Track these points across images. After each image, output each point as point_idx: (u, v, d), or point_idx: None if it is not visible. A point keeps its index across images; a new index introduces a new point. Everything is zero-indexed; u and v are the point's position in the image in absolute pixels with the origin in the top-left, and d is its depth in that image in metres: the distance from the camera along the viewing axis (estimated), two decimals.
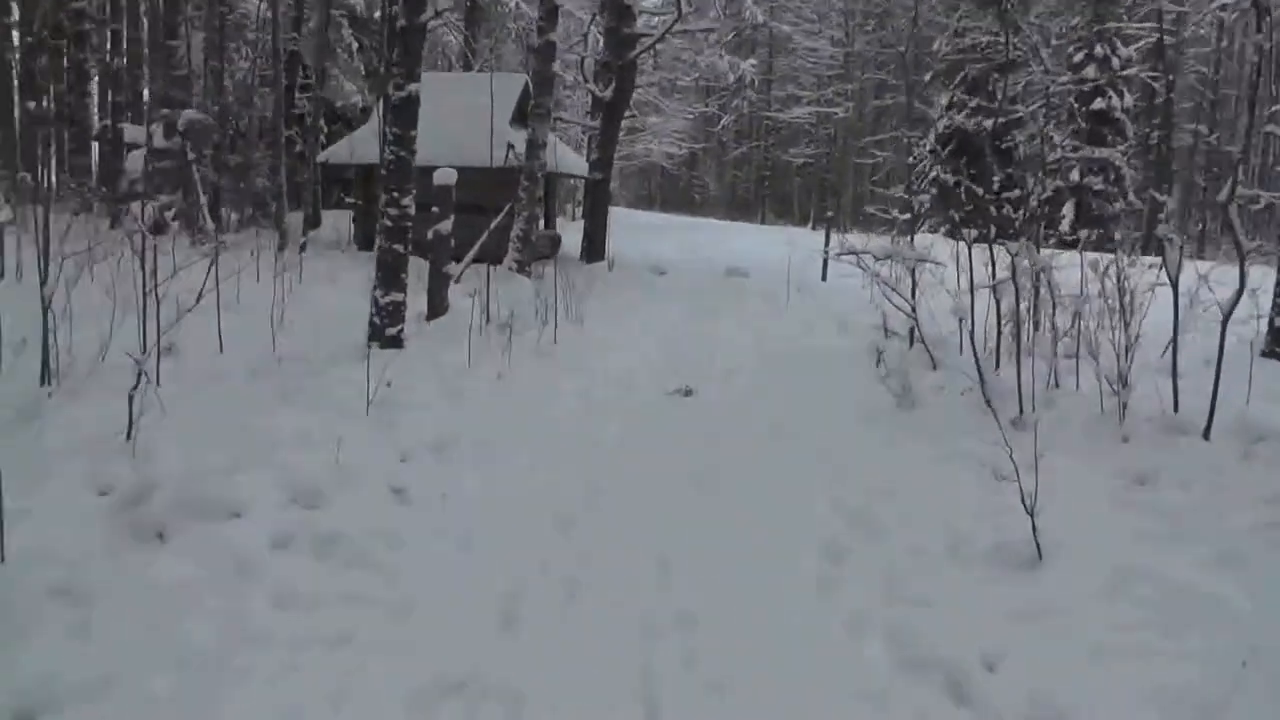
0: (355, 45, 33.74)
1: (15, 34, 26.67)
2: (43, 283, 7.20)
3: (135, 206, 24.00)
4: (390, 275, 10.06)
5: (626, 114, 25.05)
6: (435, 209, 12.71)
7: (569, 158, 23.37)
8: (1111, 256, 9.35)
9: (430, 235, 12.84)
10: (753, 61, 38.50)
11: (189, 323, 8.20)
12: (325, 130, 27.15)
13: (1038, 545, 5.60)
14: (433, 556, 5.58)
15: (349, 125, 29.78)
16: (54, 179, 26.43)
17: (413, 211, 10.16)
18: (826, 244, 20.48)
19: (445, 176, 12.69)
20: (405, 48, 10.11)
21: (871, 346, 12.32)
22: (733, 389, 10.27)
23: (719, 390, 10.19)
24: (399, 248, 10.09)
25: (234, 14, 26.59)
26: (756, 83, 48.64)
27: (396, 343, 10.05)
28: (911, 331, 12.13)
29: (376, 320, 10.04)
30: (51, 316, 7.36)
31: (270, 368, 8.81)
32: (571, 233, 25.07)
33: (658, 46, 38.44)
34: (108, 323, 8.05)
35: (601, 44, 22.51)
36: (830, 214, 21.55)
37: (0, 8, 26.51)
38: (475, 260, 17.75)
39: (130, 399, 6.36)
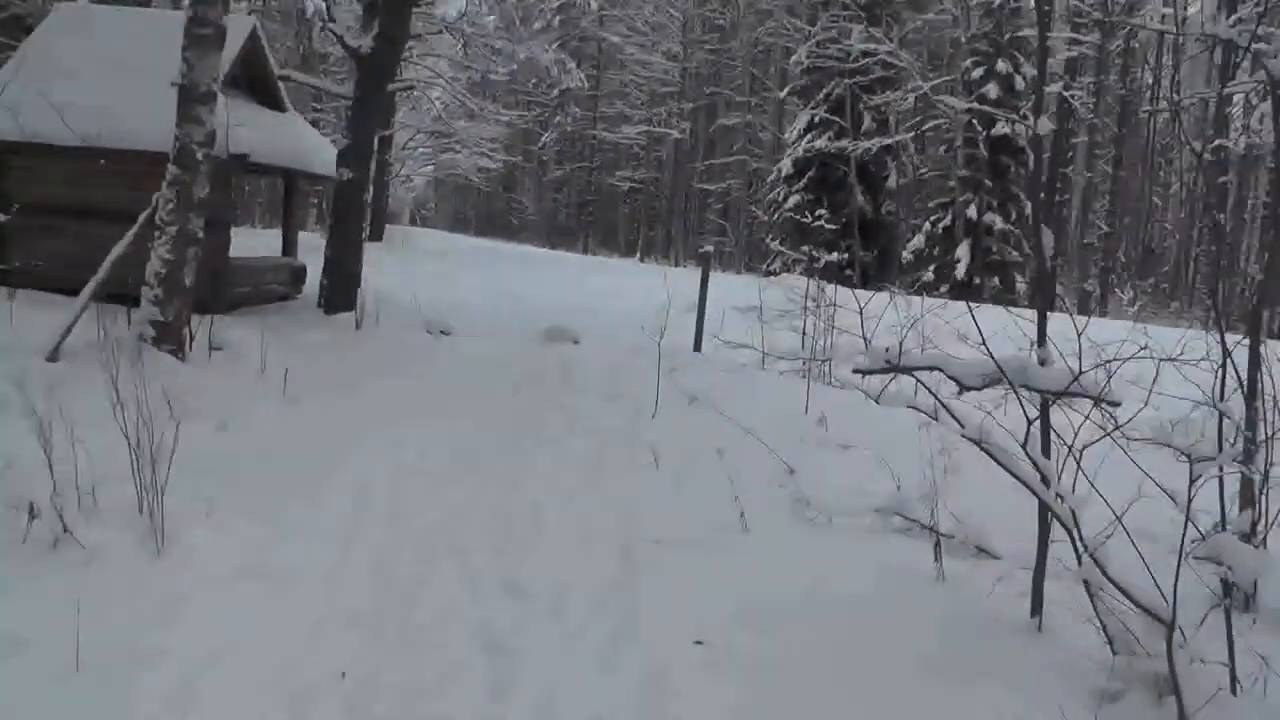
0: None
1: None
2: None
3: None
4: None
5: (402, 90, 17.14)
6: None
7: (313, 145, 15.38)
8: None
9: None
10: (580, 74, 31.24)
11: None
12: None
13: None
14: None
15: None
16: None
17: None
18: (704, 289, 13.02)
19: None
20: None
21: (899, 580, 4.99)
22: None
23: None
24: None
25: None
26: (584, 89, 41.23)
27: None
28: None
29: None
30: None
31: None
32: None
33: (466, 29, 30.93)
34: None
35: None
36: (708, 249, 13.89)
37: None
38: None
39: None
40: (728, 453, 7.41)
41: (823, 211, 33.14)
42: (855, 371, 4.60)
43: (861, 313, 5.36)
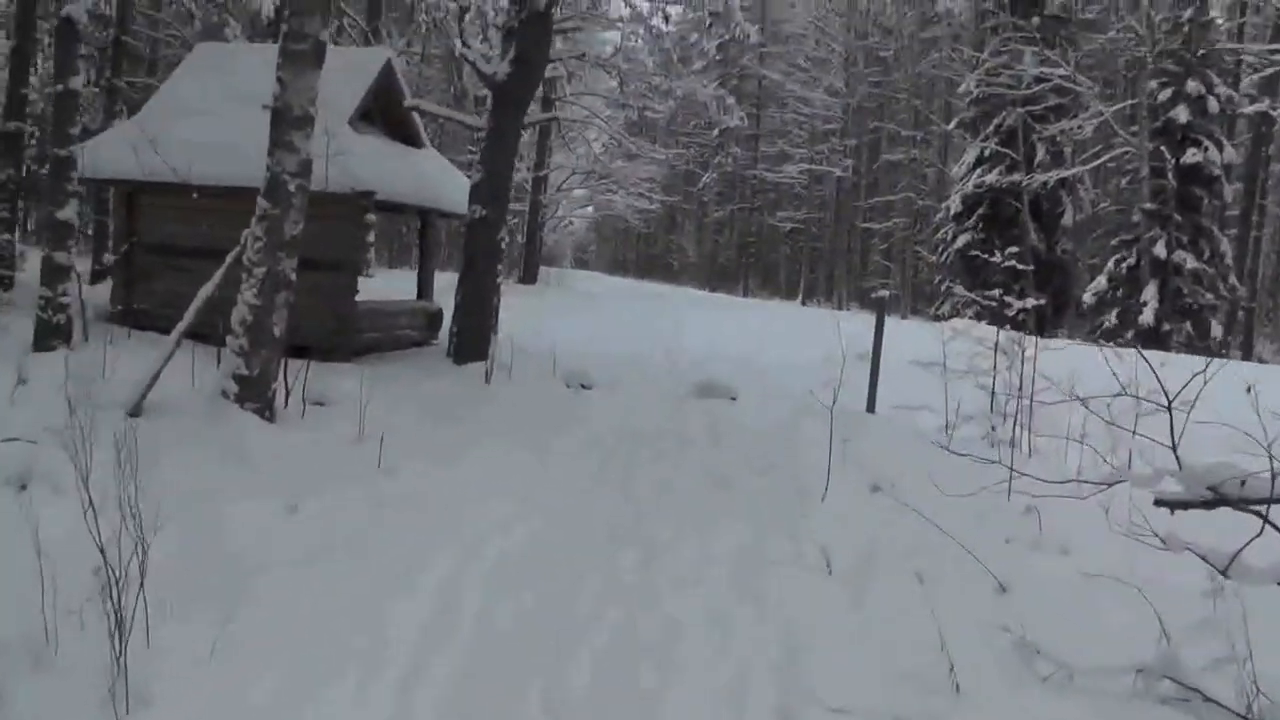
0: None
1: None
2: None
3: None
4: None
5: (546, 122, 15.78)
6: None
7: (446, 182, 14.28)
8: None
9: None
10: (741, 113, 29.81)
11: None
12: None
13: None
14: None
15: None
16: None
17: None
18: (878, 339, 11.31)
19: None
20: None
21: None
22: None
23: None
24: None
25: None
26: (744, 126, 39.82)
27: None
28: None
29: None
30: None
31: None
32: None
33: (623, 65, 29.79)
34: None
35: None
36: (882, 293, 12.11)
37: None
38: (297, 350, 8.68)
39: None
40: (917, 553, 5.81)
41: (1013, 249, 30.76)
42: (1159, 504, 2.95)
43: (1170, 404, 3.60)
